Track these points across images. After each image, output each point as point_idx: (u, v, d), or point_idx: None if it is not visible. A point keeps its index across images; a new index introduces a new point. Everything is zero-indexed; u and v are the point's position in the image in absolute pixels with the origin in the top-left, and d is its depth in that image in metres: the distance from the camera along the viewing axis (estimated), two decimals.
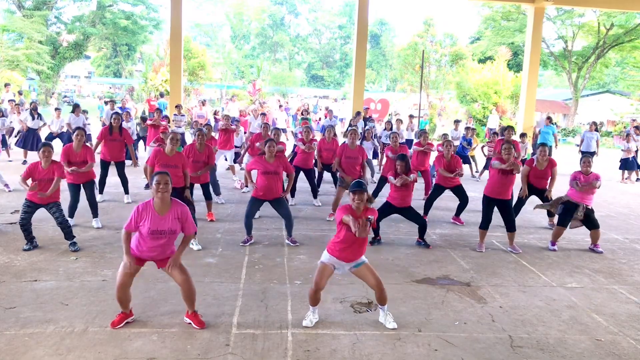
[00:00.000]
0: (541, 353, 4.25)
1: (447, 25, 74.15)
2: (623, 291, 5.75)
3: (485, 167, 13.28)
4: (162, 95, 22.47)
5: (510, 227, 7.04)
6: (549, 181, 8.01)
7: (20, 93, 23.20)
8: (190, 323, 4.43)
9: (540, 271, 6.30)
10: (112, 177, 9.19)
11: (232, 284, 5.45)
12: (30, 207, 6.27)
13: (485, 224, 7.09)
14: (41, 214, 7.33)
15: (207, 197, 8.18)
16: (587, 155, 7.36)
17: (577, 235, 7.95)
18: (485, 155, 13.70)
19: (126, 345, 4.07)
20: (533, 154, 8.32)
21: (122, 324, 4.36)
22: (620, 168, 14.38)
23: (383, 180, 9.10)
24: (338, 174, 8.70)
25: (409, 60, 31.79)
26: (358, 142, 8.64)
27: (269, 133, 9.12)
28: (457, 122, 14.96)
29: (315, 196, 9.61)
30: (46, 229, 7.09)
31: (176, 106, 14.89)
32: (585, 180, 7.11)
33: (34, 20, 32.88)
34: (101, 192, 9.04)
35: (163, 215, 4.22)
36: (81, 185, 7.40)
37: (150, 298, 4.96)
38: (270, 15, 64.28)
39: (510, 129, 11.31)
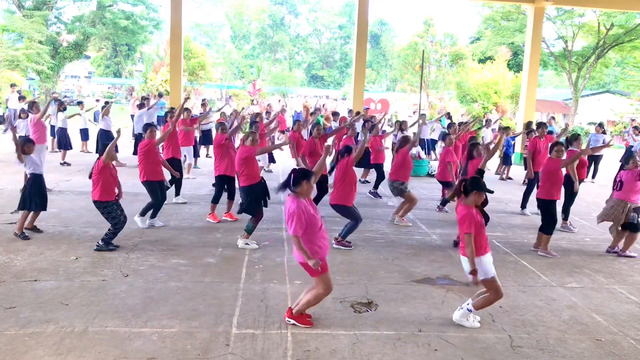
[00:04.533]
0: (541, 353, 4.25)
1: (447, 25, 74.11)
2: (623, 291, 5.75)
3: (509, 163, 13.57)
4: (160, 95, 22.43)
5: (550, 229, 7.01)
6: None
7: (19, 93, 23.16)
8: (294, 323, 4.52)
9: (540, 271, 6.30)
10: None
11: (232, 284, 5.45)
12: (116, 205, 6.38)
13: (552, 229, 6.98)
14: (42, 214, 7.35)
15: (231, 196, 8.05)
16: (633, 153, 7.13)
17: (577, 235, 7.95)
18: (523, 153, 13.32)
19: (126, 345, 4.07)
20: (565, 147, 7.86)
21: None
22: None
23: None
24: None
25: (409, 60, 31.81)
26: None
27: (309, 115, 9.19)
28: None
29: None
30: (46, 228, 7.09)
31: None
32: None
33: (34, 20, 32.84)
34: (178, 193, 9.02)
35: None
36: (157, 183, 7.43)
37: (150, 298, 4.96)
38: (270, 15, 64.26)
39: (544, 125, 10.03)
